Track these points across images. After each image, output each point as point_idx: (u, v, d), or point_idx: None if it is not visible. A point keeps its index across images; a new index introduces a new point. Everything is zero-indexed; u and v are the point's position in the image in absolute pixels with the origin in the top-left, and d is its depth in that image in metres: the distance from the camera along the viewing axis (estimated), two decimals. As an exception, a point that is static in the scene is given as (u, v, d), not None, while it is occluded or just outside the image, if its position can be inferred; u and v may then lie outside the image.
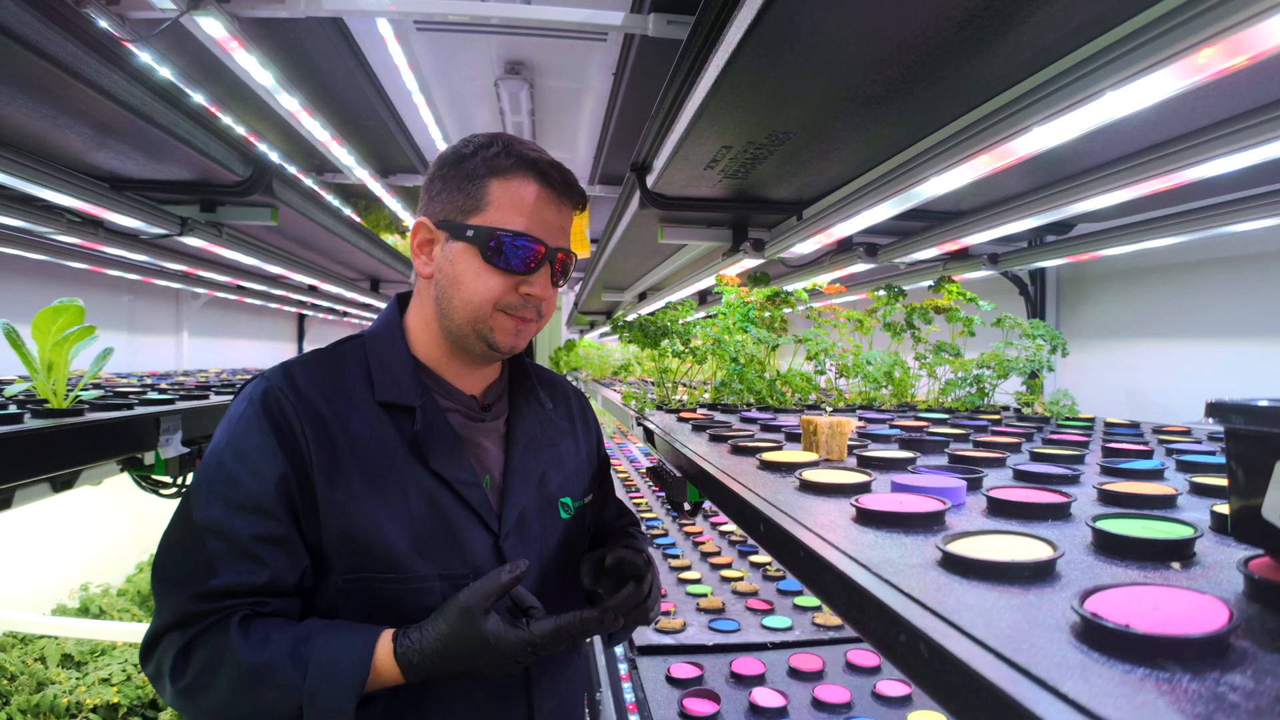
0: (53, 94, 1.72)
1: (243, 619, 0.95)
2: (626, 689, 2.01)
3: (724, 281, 2.66)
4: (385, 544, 1.02)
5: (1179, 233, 1.96)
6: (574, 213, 1.18)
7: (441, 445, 1.10)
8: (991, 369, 2.29)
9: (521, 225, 1.09)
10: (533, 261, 1.10)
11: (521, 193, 1.10)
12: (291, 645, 0.93)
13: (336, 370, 1.12)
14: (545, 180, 1.11)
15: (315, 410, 1.04)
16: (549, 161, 1.13)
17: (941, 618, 0.56)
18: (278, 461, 1.00)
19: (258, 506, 0.98)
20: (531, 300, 1.11)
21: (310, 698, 0.90)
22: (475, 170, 1.10)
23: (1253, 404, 0.58)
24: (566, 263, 1.16)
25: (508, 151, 1.10)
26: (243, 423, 1.03)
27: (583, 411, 1.39)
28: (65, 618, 4.06)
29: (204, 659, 0.93)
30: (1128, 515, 0.83)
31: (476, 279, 1.09)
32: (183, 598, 0.95)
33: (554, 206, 1.12)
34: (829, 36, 1.21)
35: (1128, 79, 1.01)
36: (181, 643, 0.94)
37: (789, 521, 0.88)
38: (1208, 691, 0.44)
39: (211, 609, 0.95)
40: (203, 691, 0.93)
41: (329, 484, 1.01)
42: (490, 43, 3.71)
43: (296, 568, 1.00)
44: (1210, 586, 0.63)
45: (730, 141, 1.77)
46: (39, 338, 1.66)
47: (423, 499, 1.06)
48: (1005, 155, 1.34)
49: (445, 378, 1.18)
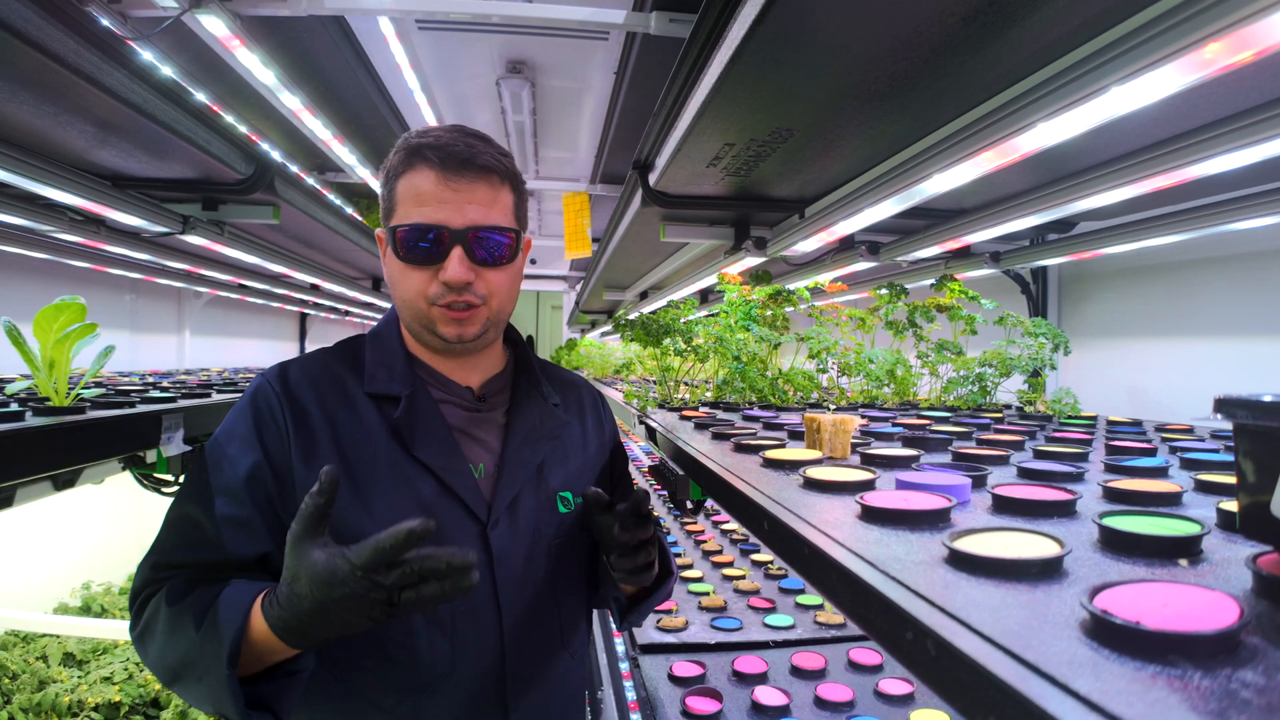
0: (55, 91, 1.72)
1: (189, 580, 1.00)
2: (628, 687, 2.01)
3: (726, 280, 2.65)
4: (357, 532, 0.97)
5: (1181, 231, 1.95)
6: (487, 182, 1.11)
7: (426, 433, 1.10)
8: (994, 367, 2.28)
9: (419, 215, 1.08)
10: (437, 248, 1.08)
11: (414, 182, 1.09)
12: (209, 598, 0.95)
13: (332, 365, 1.15)
14: (429, 162, 1.08)
15: (300, 402, 1.08)
16: (433, 143, 1.09)
17: (949, 614, 0.55)
18: (254, 451, 1.05)
19: (229, 490, 1.03)
20: (453, 286, 1.08)
21: (202, 643, 0.91)
22: (389, 174, 1.13)
23: (1261, 399, 0.58)
24: (491, 239, 1.10)
25: (402, 146, 1.11)
26: (235, 415, 1.09)
27: (595, 409, 1.37)
28: (67, 616, 4.06)
29: (150, 610, 0.99)
30: (1134, 512, 0.83)
31: (401, 279, 1.12)
32: (147, 566, 1.03)
33: (448, 185, 1.08)
34: (833, 32, 1.20)
35: (1133, 74, 1.01)
36: (142, 599, 1.01)
37: (793, 519, 0.87)
38: (1220, 688, 0.44)
39: (166, 576, 1.01)
40: (149, 640, 0.98)
41: (307, 468, 1.04)
42: (492, 42, 3.70)
43: (254, 547, 1.02)
44: (1218, 583, 0.62)
45: (733, 139, 1.76)
46: (40, 336, 1.66)
47: (405, 488, 1.07)
48: (1009, 152, 1.33)
49: (440, 370, 1.19)
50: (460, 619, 1.07)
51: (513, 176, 1.16)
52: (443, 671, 1.06)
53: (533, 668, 1.13)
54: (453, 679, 1.06)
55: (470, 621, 1.08)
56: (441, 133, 1.11)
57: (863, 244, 2.68)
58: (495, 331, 1.19)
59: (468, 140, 1.11)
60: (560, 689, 1.19)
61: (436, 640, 1.06)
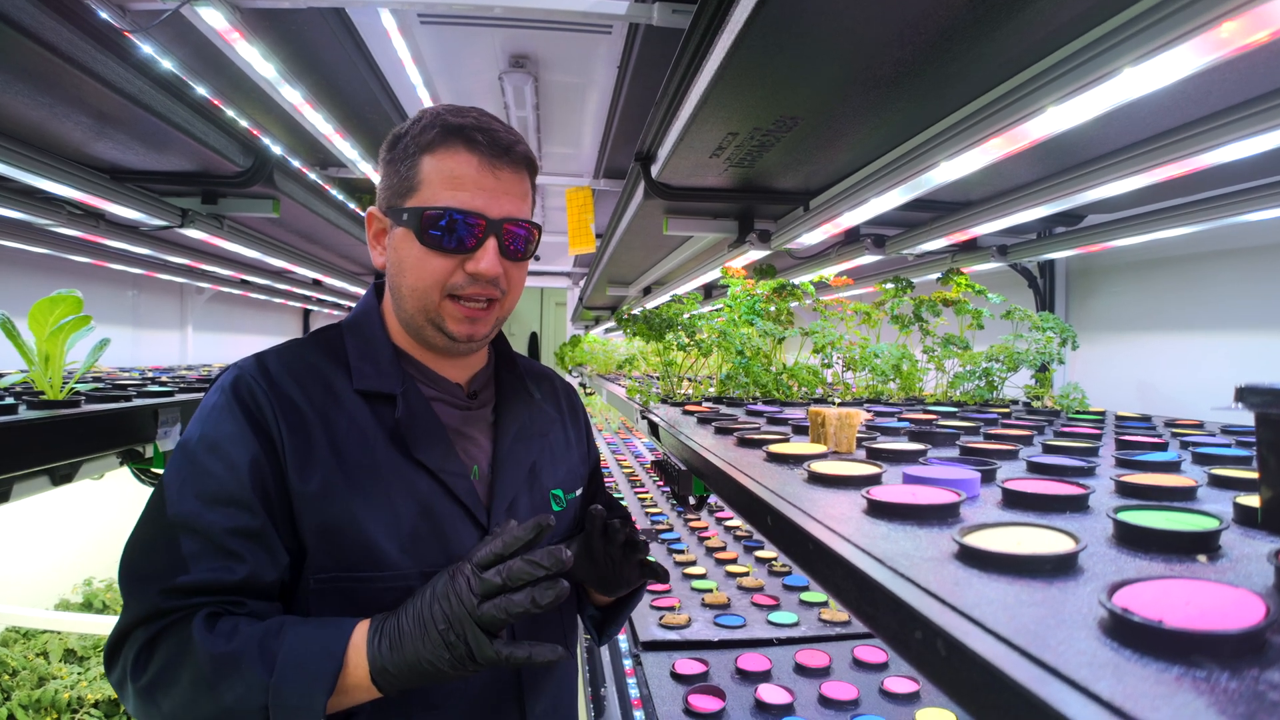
0: (51, 82, 1.70)
1: (211, 613, 0.88)
2: (631, 684, 1.99)
3: (729, 274, 2.63)
4: (364, 540, 0.96)
5: (1191, 223, 1.92)
6: (520, 175, 1.07)
7: (426, 435, 1.05)
8: (1001, 362, 2.25)
9: (455, 200, 1.01)
10: (472, 237, 1.02)
11: (451, 164, 1.02)
12: (261, 637, 0.85)
13: (313, 359, 1.07)
14: (472, 145, 1.02)
15: (289, 399, 1.00)
16: (475, 125, 1.02)
17: (961, 613, 0.53)
18: (250, 449, 0.95)
19: (232, 499, 0.92)
20: (480, 279, 1.03)
21: (276, 693, 0.82)
22: (408, 149, 1.04)
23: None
24: (519, 233, 1.06)
25: (435, 123, 1.03)
26: (215, 413, 0.98)
27: (570, 402, 1.35)
28: (68, 612, 4.06)
29: (166, 654, 0.86)
30: (1148, 507, 0.80)
31: (418, 264, 1.03)
32: (151, 594, 0.88)
33: (490, 173, 1.03)
34: (837, 17, 1.17)
35: (1146, 55, 0.98)
36: (145, 638, 0.88)
37: (798, 514, 0.85)
38: (1248, 690, 0.41)
39: (180, 605, 0.88)
40: (164, 690, 0.86)
41: (301, 477, 0.96)
42: (495, 36, 3.68)
43: (276, 565, 0.93)
44: (1240, 580, 0.60)
45: (736, 128, 1.74)
46: (35, 329, 1.64)
47: (406, 492, 1.01)
48: (1019, 138, 1.30)
49: (428, 365, 1.12)
50: None
51: (536, 170, 1.13)
52: (455, 687, 1.01)
53: (543, 671, 1.11)
54: (465, 692, 1.02)
55: None
56: (472, 113, 1.05)
57: (868, 237, 2.66)
58: (496, 330, 1.14)
59: (505, 126, 1.06)
60: (567, 690, 1.18)
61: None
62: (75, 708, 3.24)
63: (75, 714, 3.23)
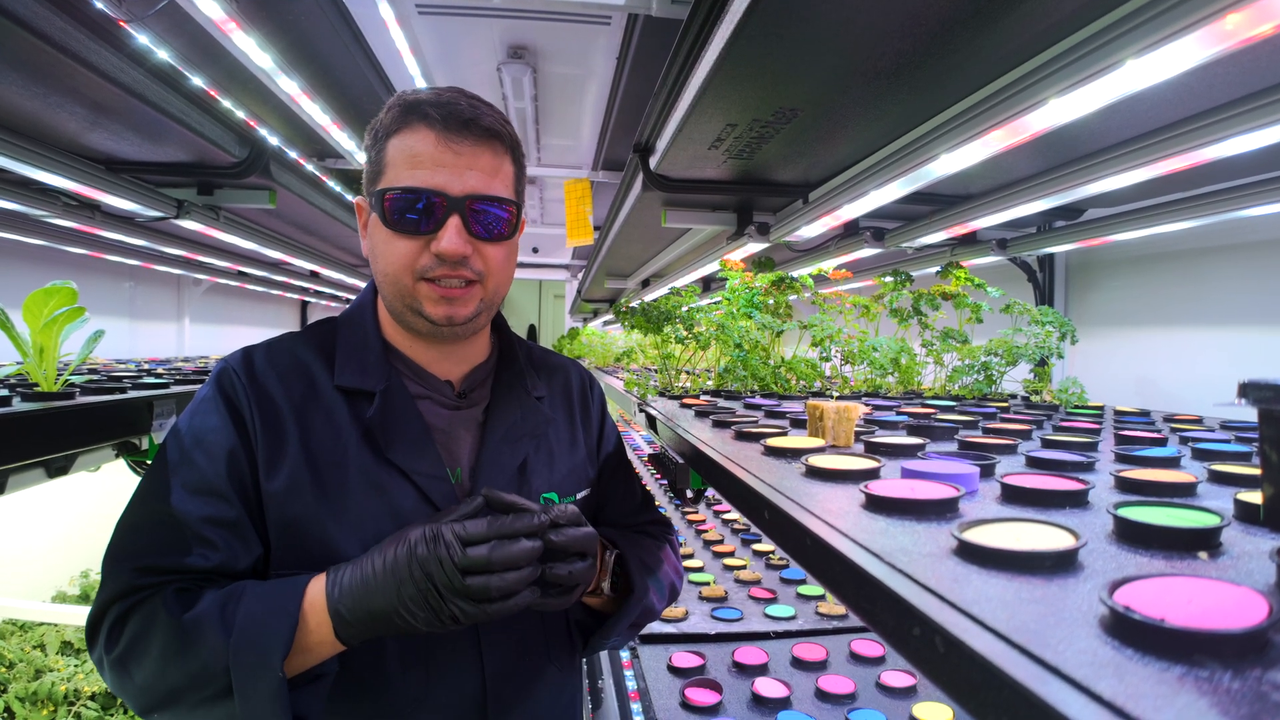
0: (45, 72, 1.68)
1: (181, 589, 0.90)
2: (628, 676, 1.99)
3: (728, 266, 2.62)
4: (324, 539, 0.95)
5: (1192, 217, 1.91)
6: (487, 148, 1.02)
7: (401, 434, 1.02)
8: (1000, 356, 2.25)
9: (414, 178, 0.98)
10: (430, 217, 0.98)
11: (409, 142, 0.99)
12: (222, 601, 0.87)
13: (300, 353, 1.06)
14: (428, 121, 0.98)
15: (266, 394, 1.00)
16: (432, 100, 0.99)
17: (959, 609, 0.52)
18: (229, 441, 0.96)
19: (211, 489, 0.94)
20: (447, 260, 0.99)
21: (235, 654, 0.83)
22: (377, 134, 1.03)
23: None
24: (491, 210, 1.01)
25: (396, 103, 1.01)
26: (202, 405, 1.00)
27: (584, 398, 1.29)
28: (65, 605, 4.06)
29: (137, 626, 0.88)
30: (1148, 503, 0.79)
31: (387, 248, 1.01)
32: (125, 571, 0.91)
33: (449, 147, 0.98)
34: (837, 6, 1.16)
35: (1150, 47, 0.97)
36: (118, 613, 0.90)
37: (795, 508, 0.84)
38: (1251, 691, 0.41)
39: (153, 582, 0.91)
40: (135, 660, 0.87)
41: (269, 474, 0.96)
42: (493, 27, 3.66)
43: (250, 554, 0.95)
44: (1241, 577, 0.59)
45: (735, 119, 1.72)
46: (29, 320, 1.63)
47: (373, 492, 0.99)
48: (1020, 131, 1.29)
49: (418, 361, 1.10)
50: (435, 640, 1.00)
51: (515, 145, 1.08)
52: (415, 696, 0.99)
53: (515, 688, 1.06)
54: (428, 705, 1.00)
55: (446, 643, 1.01)
56: (441, 90, 1.02)
57: (867, 230, 2.65)
58: (487, 316, 1.10)
59: (470, 100, 1.02)
60: (550, 705, 1.12)
61: (410, 664, 0.99)
62: (72, 700, 3.24)
63: (72, 706, 3.23)
